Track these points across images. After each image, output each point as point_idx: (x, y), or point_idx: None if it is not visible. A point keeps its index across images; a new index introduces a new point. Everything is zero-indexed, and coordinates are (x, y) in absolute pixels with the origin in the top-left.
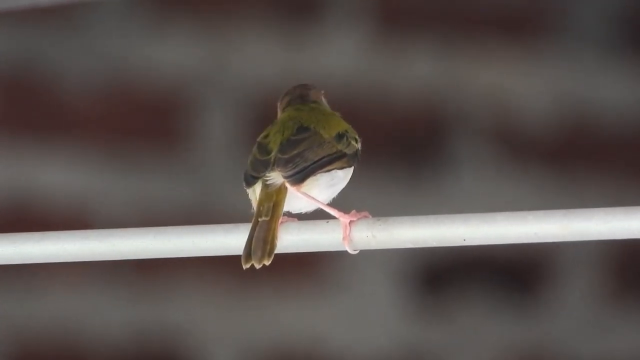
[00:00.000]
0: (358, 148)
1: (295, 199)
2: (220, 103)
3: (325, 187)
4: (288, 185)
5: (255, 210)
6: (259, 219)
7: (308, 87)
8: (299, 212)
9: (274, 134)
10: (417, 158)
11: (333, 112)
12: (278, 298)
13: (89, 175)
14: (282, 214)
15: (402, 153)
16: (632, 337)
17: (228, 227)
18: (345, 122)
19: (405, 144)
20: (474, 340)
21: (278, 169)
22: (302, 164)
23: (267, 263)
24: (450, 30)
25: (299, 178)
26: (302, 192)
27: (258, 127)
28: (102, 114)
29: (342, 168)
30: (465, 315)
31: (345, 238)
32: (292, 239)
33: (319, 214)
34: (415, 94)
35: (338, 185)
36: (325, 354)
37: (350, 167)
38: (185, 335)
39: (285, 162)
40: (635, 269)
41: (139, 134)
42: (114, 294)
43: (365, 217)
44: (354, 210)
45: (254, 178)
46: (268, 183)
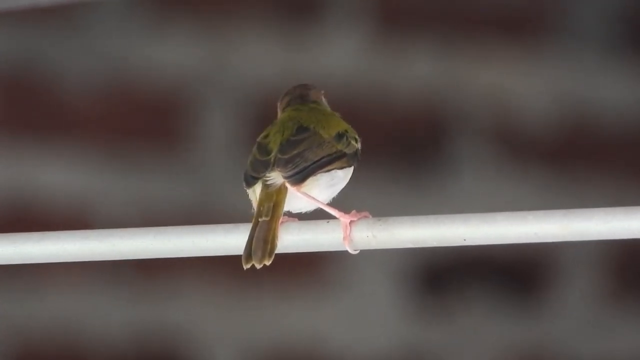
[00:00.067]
0: (358, 148)
1: (296, 199)
2: (220, 103)
3: (326, 187)
4: (288, 186)
5: (256, 211)
6: (259, 219)
7: (308, 87)
8: (299, 212)
9: (274, 134)
10: (417, 158)
11: (333, 112)
12: (278, 298)
13: (89, 175)
14: (282, 214)
15: (402, 153)
16: (632, 337)
17: (228, 227)
18: (345, 122)
19: (405, 144)
20: (474, 340)
21: (278, 169)
22: (302, 164)
23: (267, 263)
24: (450, 30)
25: (299, 178)
26: (302, 192)
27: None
28: (102, 114)
29: (342, 168)
30: (466, 315)
31: (346, 238)
32: (292, 239)
33: (320, 214)
34: (415, 94)
35: (338, 185)
36: (326, 354)
37: (350, 167)
38: (186, 336)
39: (285, 162)
40: (635, 269)
41: (139, 134)
42: (114, 294)
43: (366, 217)
44: (354, 210)
45: (254, 178)
46: (268, 183)
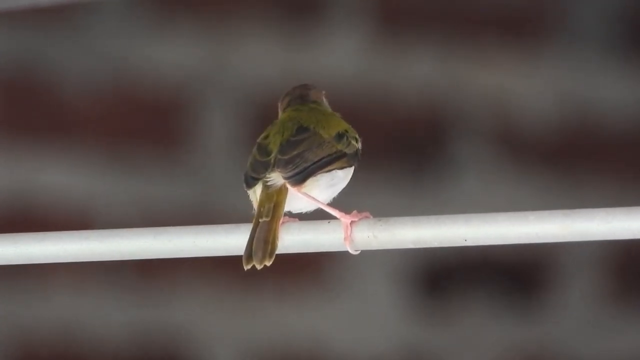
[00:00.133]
0: (358, 148)
1: (296, 200)
2: (220, 103)
3: (326, 187)
4: (288, 186)
5: (256, 211)
6: (260, 220)
7: (308, 87)
8: (300, 212)
9: (274, 135)
10: (417, 158)
11: (333, 112)
12: (279, 299)
13: (89, 176)
14: (282, 215)
15: (402, 153)
16: (632, 337)
17: (229, 227)
18: (346, 122)
19: (406, 144)
20: (475, 341)
21: (278, 170)
22: (302, 165)
23: (268, 264)
24: (450, 31)
25: (300, 179)
26: (302, 192)
27: (258, 127)
28: (102, 114)
29: (342, 168)
30: (466, 316)
31: (347, 238)
32: (293, 240)
33: (320, 214)
34: (416, 94)
35: (338, 185)
36: (326, 355)
37: (351, 167)
38: (186, 336)
39: (286, 163)
40: (636, 270)
41: (140, 134)
42: (115, 295)
43: (366, 217)
44: (355, 211)
45: (254, 179)
46: (268, 184)
